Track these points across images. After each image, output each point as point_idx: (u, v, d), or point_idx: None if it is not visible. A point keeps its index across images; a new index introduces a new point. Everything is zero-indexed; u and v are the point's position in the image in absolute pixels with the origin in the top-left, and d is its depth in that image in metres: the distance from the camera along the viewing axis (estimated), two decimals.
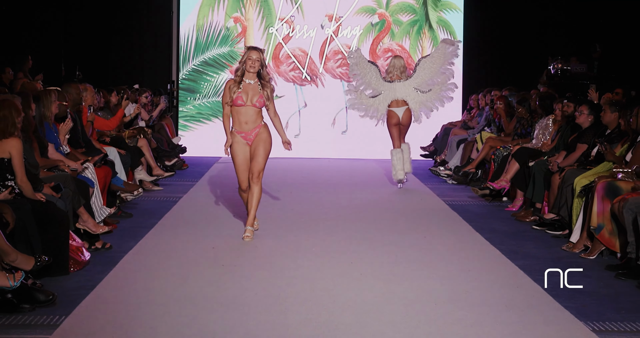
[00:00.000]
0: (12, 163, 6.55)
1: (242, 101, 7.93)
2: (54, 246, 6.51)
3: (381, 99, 11.56)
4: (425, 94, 11.54)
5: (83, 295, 6.05)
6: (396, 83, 11.54)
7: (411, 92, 11.53)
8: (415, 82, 11.55)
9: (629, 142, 8.14)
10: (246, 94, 7.94)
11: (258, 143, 8.01)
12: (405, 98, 11.52)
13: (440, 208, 10.23)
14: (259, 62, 7.95)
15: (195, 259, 7.21)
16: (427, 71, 11.55)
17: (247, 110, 7.96)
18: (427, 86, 11.56)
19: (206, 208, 9.96)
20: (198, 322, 5.44)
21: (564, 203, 8.46)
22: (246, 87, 7.96)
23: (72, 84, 9.83)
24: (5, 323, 5.41)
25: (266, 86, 8.00)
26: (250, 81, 7.96)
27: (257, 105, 7.97)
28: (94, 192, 8.15)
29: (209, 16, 16.28)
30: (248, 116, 7.98)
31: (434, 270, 6.99)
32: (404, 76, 11.58)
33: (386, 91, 11.55)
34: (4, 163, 6.52)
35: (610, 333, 5.35)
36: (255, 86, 7.98)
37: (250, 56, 7.95)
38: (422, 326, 5.43)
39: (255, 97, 7.95)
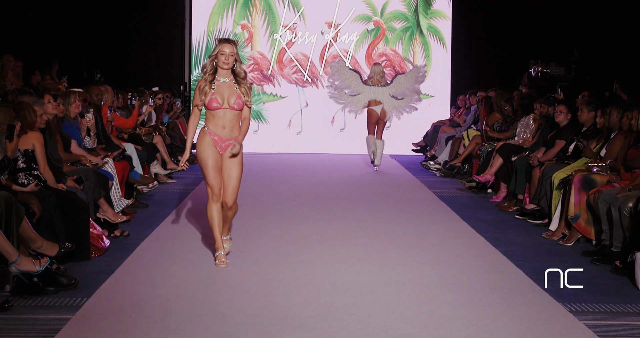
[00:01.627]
0: (35, 153, 6.57)
1: (217, 103, 6.36)
2: (76, 234, 6.53)
3: (360, 98, 12.78)
4: (399, 101, 12.80)
5: (103, 278, 6.06)
6: (376, 87, 12.77)
7: (386, 96, 12.75)
8: (391, 90, 12.78)
9: (603, 139, 8.14)
10: (221, 95, 6.36)
11: (232, 161, 6.48)
12: (381, 100, 12.73)
13: (430, 199, 10.23)
14: (233, 57, 6.36)
15: (205, 246, 7.21)
16: (401, 85, 12.81)
17: (225, 113, 6.39)
18: (400, 96, 12.79)
19: None
20: (208, 303, 5.44)
21: (544, 195, 8.47)
22: (220, 87, 6.38)
23: (94, 86, 9.84)
24: (32, 305, 5.41)
25: (242, 83, 6.43)
26: (224, 79, 6.39)
27: (235, 107, 6.39)
28: (113, 184, 8.15)
29: (218, 23, 16.27)
30: (226, 120, 6.42)
31: (425, 256, 6.98)
32: (383, 81, 12.88)
33: (366, 92, 12.75)
34: (29, 153, 6.54)
35: (586, 313, 5.34)
36: (231, 85, 6.40)
37: (222, 50, 6.33)
38: (413, 307, 5.43)
39: (232, 97, 6.37)
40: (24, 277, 5.53)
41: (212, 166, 6.41)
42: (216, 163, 6.43)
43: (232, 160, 6.48)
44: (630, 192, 6.74)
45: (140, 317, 5.14)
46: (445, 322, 5.13)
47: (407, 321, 5.12)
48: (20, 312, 5.25)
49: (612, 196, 6.86)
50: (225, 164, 6.47)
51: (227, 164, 6.47)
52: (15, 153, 6.10)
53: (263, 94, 16.34)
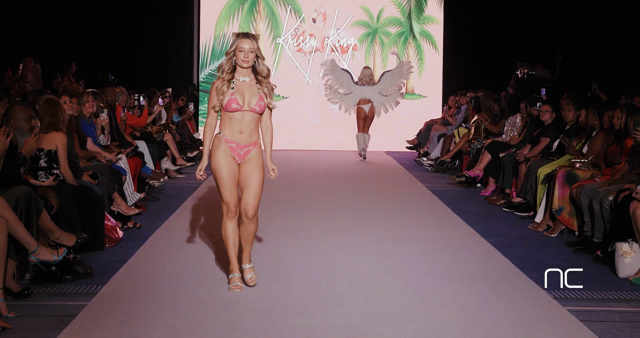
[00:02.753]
0: (57, 154, 6.56)
1: (237, 104, 5.28)
2: (92, 226, 6.52)
3: (351, 97, 13.50)
4: (385, 97, 13.51)
5: (117, 267, 6.06)
6: (365, 87, 13.50)
7: (375, 94, 13.49)
8: (379, 88, 13.51)
9: (585, 137, 8.13)
10: (241, 95, 5.30)
11: (252, 168, 5.39)
12: (370, 98, 13.50)
13: (423, 193, 10.23)
14: (254, 53, 5.30)
15: (213, 236, 7.20)
16: (388, 81, 13.52)
17: (243, 116, 5.32)
18: (387, 92, 13.50)
19: None
20: (215, 291, 5.44)
21: (530, 189, 8.46)
22: (240, 87, 5.32)
23: (108, 88, 9.85)
24: (50, 292, 5.41)
25: (265, 83, 5.37)
26: (244, 78, 5.34)
27: (256, 109, 5.32)
28: (126, 179, 8.15)
29: (224, 28, 16.26)
30: (244, 124, 5.34)
31: (418, 246, 6.98)
32: (371, 82, 13.58)
33: (356, 91, 13.49)
34: (52, 153, 6.53)
35: (569, 300, 5.34)
36: (252, 85, 5.35)
37: (240, 45, 5.26)
38: (407, 294, 5.43)
39: (254, 99, 5.31)
40: (42, 266, 5.52)
41: (228, 179, 5.37)
42: (232, 174, 5.38)
43: (251, 164, 5.40)
44: (611, 186, 6.73)
45: (152, 303, 5.14)
46: (437, 307, 5.13)
47: (401, 307, 5.12)
48: (39, 298, 5.25)
49: (593, 190, 6.86)
50: (244, 170, 5.41)
51: (246, 170, 5.40)
52: (32, 152, 6.05)
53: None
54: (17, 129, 6.05)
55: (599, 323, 4.86)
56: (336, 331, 4.56)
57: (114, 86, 10.95)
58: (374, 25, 16.46)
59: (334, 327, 4.61)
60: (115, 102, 9.83)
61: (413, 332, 4.63)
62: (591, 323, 4.85)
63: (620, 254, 6.00)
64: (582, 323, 4.84)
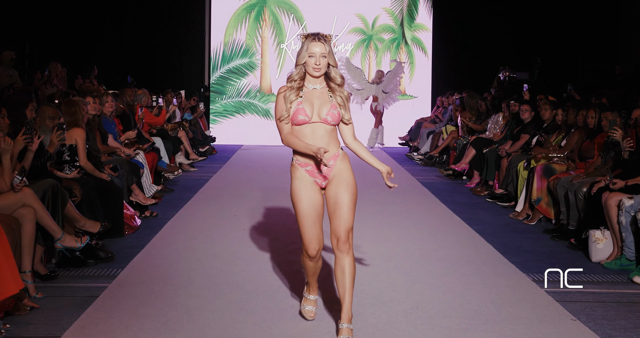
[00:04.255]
0: (77, 148, 6.55)
1: (304, 115, 4.02)
2: (112, 214, 6.52)
3: (362, 92, 14.33)
4: (385, 94, 14.45)
5: (135, 252, 6.05)
6: (374, 85, 14.40)
7: (380, 92, 14.39)
8: (382, 87, 14.41)
9: (563, 133, 8.11)
10: (310, 104, 4.04)
11: (338, 184, 4.08)
12: (377, 95, 14.44)
13: (413, 185, 10.22)
14: (326, 59, 4.02)
15: (222, 224, 7.20)
16: (388, 81, 14.45)
17: (314, 129, 4.05)
18: (387, 89, 14.43)
19: (231, 185, 9.94)
20: (225, 273, 5.43)
21: (511, 181, 8.46)
22: (309, 96, 4.07)
23: (128, 89, 9.82)
24: (75, 275, 5.41)
25: (338, 91, 4.09)
26: (315, 86, 4.09)
27: (328, 120, 4.04)
28: (144, 172, 8.14)
29: (233, 35, 16.23)
30: (317, 138, 4.04)
31: (409, 233, 6.97)
32: (379, 81, 14.46)
33: (367, 88, 14.35)
34: (73, 148, 6.52)
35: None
36: (324, 93, 4.09)
37: (312, 50, 4.00)
38: (399, 277, 5.43)
39: (324, 108, 4.04)
40: (67, 252, 5.52)
41: (309, 212, 4.05)
42: (314, 207, 4.05)
43: (336, 182, 4.09)
44: (585, 178, 6.73)
45: (167, 285, 5.13)
46: (426, 289, 5.12)
47: (394, 288, 5.11)
48: (64, 280, 5.25)
49: (569, 182, 6.85)
50: (329, 192, 4.09)
51: (331, 191, 4.08)
52: (56, 148, 6.08)
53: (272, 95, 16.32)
54: (40, 127, 6.04)
55: (573, 303, 4.86)
56: (334, 311, 4.55)
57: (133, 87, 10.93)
58: (369, 32, 16.43)
59: (332, 307, 4.60)
60: (134, 103, 9.81)
61: (404, 311, 4.63)
62: (567, 303, 4.84)
63: (593, 240, 6.00)
64: (558, 303, 4.83)
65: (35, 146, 5.52)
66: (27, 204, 5.02)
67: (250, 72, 16.25)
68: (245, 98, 16.41)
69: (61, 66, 11.07)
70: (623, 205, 5.73)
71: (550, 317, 4.57)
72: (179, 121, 12.08)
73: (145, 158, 8.37)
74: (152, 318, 4.42)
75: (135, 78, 13.78)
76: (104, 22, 15.51)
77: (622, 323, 4.48)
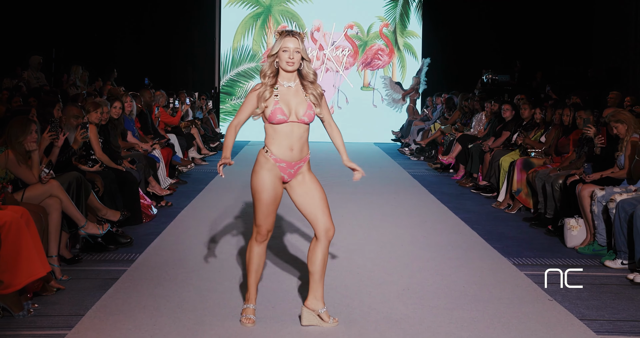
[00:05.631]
0: (91, 143, 6.51)
1: (282, 114, 3.76)
2: (131, 203, 6.50)
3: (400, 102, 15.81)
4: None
5: (152, 239, 6.04)
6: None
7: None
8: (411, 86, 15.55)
9: (542, 130, 8.09)
10: (286, 104, 3.78)
11: (309, 186, 3.91)
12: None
13: (405, 177, 10.21)
14: (300, 54, 3.75)
15: (231, 212, 7.18)
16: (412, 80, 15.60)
17: (292, 130, 3.80)
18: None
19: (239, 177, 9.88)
20: (233, 257, 5.42)
21: (493, 174, 8.45)
22: (285, 94, 3.80)
23: (146, 90, 9.80)
24: (97, 259, 5.40)
25: (310, 89, 3.83)
26: (289, 84, 3.82)
27: (305, 120, 3.82)
28: (160, 166, 8.12)
29: (241, 41, 16.20)
30: (295, 138, 3.82)
31: (400, 221, 6.96)
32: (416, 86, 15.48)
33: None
34: (87, 143, 6.47)
35: (526, 266, 5.33)
36: (299, 91, 3.83)
37: (285, 45, 3.74)
38: (392, 261, 5.41)
39: (301, 108, 3.80)
40: (90, 238, 5.51)
41: (269, 203, 3.84)
42: (275, 198, 3.86)
43: (306, 182, 3.91)
44: (560, 171, 6.71)
45: (181, 268, 5.12)
46: (417, 272, 5.11)
47: (387, 271, 5.10)
48: (88, 264, 5.24)
49: (546, 175, 6.84)
50: (300, 190, 3.90)
51: (303, 190, 3.90)
52: (80, 145, 6.07)
53: None
54: (66, 125, 6.03)
55: (550, 285, 4.84)
56: (333, 291, 4.54)
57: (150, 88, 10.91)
58: (364, 38, 16.38)
59: (331, 288, 4.59)
60: (152, 103, 9.79)
61: (397, 292, 4.61)
62: (544, 284, 4.82)
63: (568, 228, 5.98)
64: (536, 284, 4.82)
65: (61, 142, 5.52)
66: (54, 194, 5.01)
67: (256, 75, 16.21)
68: None
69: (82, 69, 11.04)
70: (595, 196, 5.71)
71: (529, 297, 4.56)
72: (191, 119, 12.06)
73: (161, 152, 8.35)
74: (167, 299, 4.41)
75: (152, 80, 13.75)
76: (124, 29, 15.51)
77: (594, 303, 4.46)
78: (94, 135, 6.55)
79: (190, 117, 12.23)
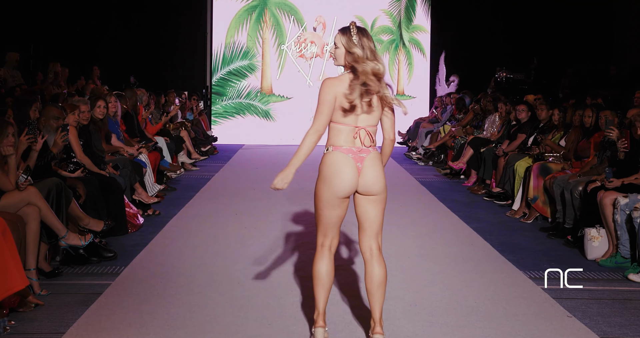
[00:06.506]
0: (71, 145, 6.51)
1: None
2: (115, 212, 6.51)
3: None
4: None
5: (138, 250, 6.04)
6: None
7: None
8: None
9: (560, 132, 8.10)
10: None
11: None
12: None
13: (412, 184, 10.21)
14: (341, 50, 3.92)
15: (224, 222, 7.19)
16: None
17: None
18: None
19: (232, 184, 9.93)
20: (226, 271, 5.42)
21: (508, 180, 8.45)
22: None
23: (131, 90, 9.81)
24: (78, 272, 5.41)
25: None
26: None
27: None
28: (147, 171, 8.13)
29: (234, 36, 16.22)
30: None
31: (407, 231, 6.97)
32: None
33: None
34: (68, 146, 6.48)
35: (542, 279, 5.32)
36: None
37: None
38: (398, 274, 5.41)
39: None
40: (71, 250, 5.52)
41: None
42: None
43: None
44: (580, 177, 6.72)
45: (169, 282, 5.12)
46: (425, 286, 5.11)
47: (393, 286, 5.09)
48: (68, 278, 5.25)
49: (565, 181, 6.84)
50: None
51: None
52: (60, 148, 6.06)
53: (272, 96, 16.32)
54: (45, 127, 6.03)
55: (569, 300, 4.85)
56: (334, 307, 4.55)
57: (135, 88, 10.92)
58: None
59: (333, 303, 4.59)
60: (138, 103, 9.81)
61: (403, 308, 4.62)
62: (562, 300, 4.83)
63: (589, 238, 5.99)
64: (554, 300, 4.82)
65: (39, 146, 5.52)
66: (32, 202, 5.01)
67: (250, 74, 16.24)
68: (245, 99, 16.40)
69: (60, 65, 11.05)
70: (618, 204, 5.72)
71: (546, 313, 4.57)
72: (181, 121, 12.07)
73: (148, 157, 8.37)
74: (154, 315, 4.41)
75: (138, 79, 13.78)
76: (108, 23, 15.52)
77: (617, 320, 4.47)
78: (74, 137, 6.56)
79: (180, 119, 12.24)
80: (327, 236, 3.91)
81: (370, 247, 3.93)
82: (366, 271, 3.88)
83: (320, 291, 3.84)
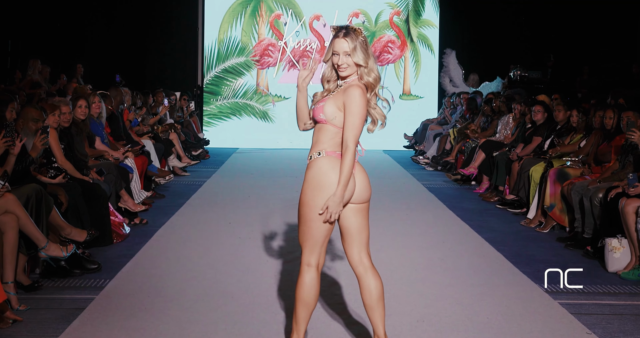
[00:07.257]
0: (52, 149, 6.52)
1: None
2: (99, 220, 6.52)
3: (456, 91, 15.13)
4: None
5: (124, 262, 6.05)
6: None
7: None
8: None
9: (580, 134, 8.11)
10: None
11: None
12: None
13: (419, 190, 10.22)
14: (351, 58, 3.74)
15: (216, 232, 7.20)
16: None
17: None
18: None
19: (225, 190, 9.94)
20: (219, 284, 5.43)
21: (522, 186, 8.46)
22: None
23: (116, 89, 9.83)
24: (60, 285, 5.41)
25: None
26: None
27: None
28: (133, 177, 8.14)
29: (228, 32, 16.25)
30: None
31: (415, 241, 6.97)
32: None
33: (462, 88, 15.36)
34: (48, 149, 6.48)
35: (560, 293, 5.33)
36: None
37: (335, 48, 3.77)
38: (404, 288, 5.42)
39: None
40: (51, 262, 5.52)
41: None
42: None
43: None
44: (600, 184, 6.73)
45: (158, 296, 5.13)
46: (433, 301, 5.12)
47: (399, 300, 5.11)
48: (49, 292, 5.25)
49: (584, 188, 6.85)
50: None
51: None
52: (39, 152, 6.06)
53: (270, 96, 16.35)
54: (23, 129, 6.04)
55: (589, 316, 4.85)
56: (336, 323, 4.55)
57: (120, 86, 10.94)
58: (372, 28, 16.44)
59: (334, 318, 4.60)
60: (124, 104, 9.82)
61: (410, 324, 4.62)
62: (581, 316, 4.84)
63: (610, 249, 6.00)
64: (572, 316, 4.83)
65: (18, 150, 5.53)
66: (10, 211, 5.02)
67: (246, 72, 16.26)
68: (242, 99, 16.43)
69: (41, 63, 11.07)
70: None
71: (564, 330, 4.57)
72: (170, 122, 12.09)
73: (134, 161, 8.37)
74: (141, 332, 4.41)
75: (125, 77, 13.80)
76: (92, 18, 15.54)
77: None
78: (54, 140, 6.57)
79: (169, 121, 12.25)
80: (315, 253, 3.79)
81: (362, 259, 3.87)
82: (361, 286, 3.85)
83: (305, 315, 3.79)
